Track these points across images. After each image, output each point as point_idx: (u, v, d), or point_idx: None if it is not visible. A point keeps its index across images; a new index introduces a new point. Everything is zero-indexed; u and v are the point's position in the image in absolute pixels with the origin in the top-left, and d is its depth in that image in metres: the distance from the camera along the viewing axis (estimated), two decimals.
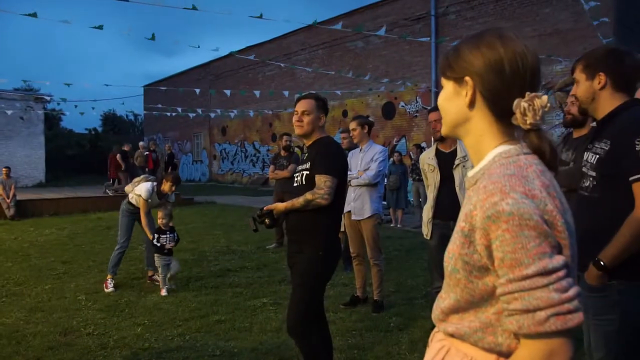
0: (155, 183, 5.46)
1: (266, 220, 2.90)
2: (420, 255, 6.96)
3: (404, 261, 6.69)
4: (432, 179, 3.70)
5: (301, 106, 2.93)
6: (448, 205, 3.55)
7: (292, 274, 2.95)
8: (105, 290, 5.27)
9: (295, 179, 2.99)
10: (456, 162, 3.60)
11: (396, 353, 3.58)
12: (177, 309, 4.67)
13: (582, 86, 2.02)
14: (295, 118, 2.95)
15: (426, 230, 3.73)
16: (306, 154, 3.00)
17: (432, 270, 3.85)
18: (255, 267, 6.35)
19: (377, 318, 4.35)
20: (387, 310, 4.57)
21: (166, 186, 5.41)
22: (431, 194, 3.70)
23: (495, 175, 0.96)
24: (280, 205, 2.90)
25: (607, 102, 1.96)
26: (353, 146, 6.35)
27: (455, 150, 3.64)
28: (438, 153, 3.72)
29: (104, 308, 4.72)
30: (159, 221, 5.35)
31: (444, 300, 1.09)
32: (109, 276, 5.41)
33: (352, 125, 4.75)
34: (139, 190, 5.37)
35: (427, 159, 3.76)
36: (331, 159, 2.86)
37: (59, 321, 4.34)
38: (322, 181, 2.76)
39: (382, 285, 4.67)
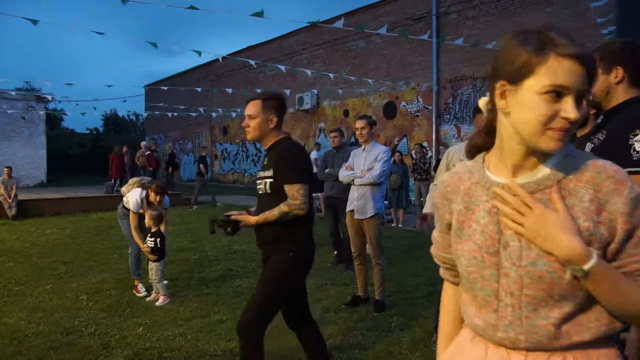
0: (144, 192, 5.14)
1: (228, 228, 2.73)
2: (421, 255, 6.95)
3: (406, 261, 6.69)
4: None
5: (247, 110, 2.77)
6: None
7: (262, 274, 2.83)
8: (138, 294, 5.13)
9: (259, 186, 2.80)
10: None
11: (397, 353, 3.58)
12: (178, 309, 4.67)
13: (597, 79, 1.99)
14: (244, 123, 2.79)
15: None
16: (266, 158, 2.83)
17: None
18: (257, 267, 6.34)
19: (378, 317, 4.35)
20: (389, 309, 4.56)
21: (151, 197, 5.10)
22: None
23: (609, 165, 1.01)
24: (251, 219, 2.72)
25: (621, 97, 1.92)
26: (341, 145, 6.37)
27: None
28: None
29: (106, 308, 4.72)
30: (145, 222, 5.06)
31: (549, 314, 1.00)
32: (136, 281, 5.28)
33: (361, 124, 4.68)
34: (129, 199, 5.16)
35: (462, 156, 3.54)
36: (297, 164, 2.70)
37: (60, 321, 4.34)
38: (295, 190, 2.61)
39: (384, 285, 4.66)
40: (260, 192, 2.80)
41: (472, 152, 1.21)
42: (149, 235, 4.99)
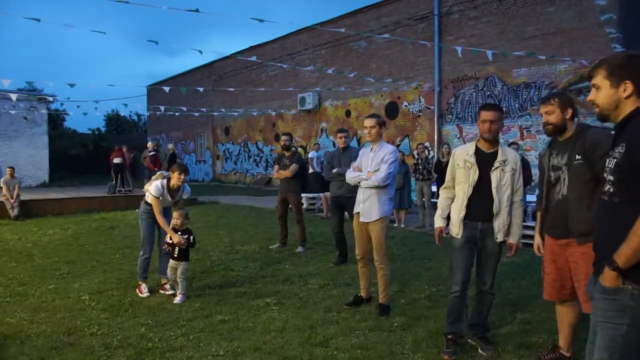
0: (165, 181, 5.21)
1: None
2: (424, 255, 6.94)
3: (408, 261, 6.68)
4: (466, 176, 3.54)
5: None
6: (480, 206, 3.49)
7: None
8: (141, 295, 5.12)
9: None
10: (495, 164, 3.49)
11: (400, 353, 3.58)
12: (180, 309, 4.67)
13: (605, 93, 1.99)
14: None
15: (456, 229, 3.56)
16: None
17: (453, 272, 3.61)
18: (259, 267, 6.35)
19: (380, 318, 4.34)
20: (391, 310, 4.56)
21: (174, 178, 5.15)
22: (462, 191, 3.56)
23: None
24: None
25: (630, 109, 1.94)
26: (347, 146, 6.35)
27: (496, 152, 3.53)
28: (478, 151, 3.57)
29: (108, 308, 4.72)
30: (173, 222, 5.13)
31: None
32: (140, 282, 5.27)
33: (371, 122, 4.55)
34: (151, 188, 5.22)
35: (465, 155, 3.59)
36: None
37: (62, 321, 4.35)
38: None
39: (388, 289, 4.61)
40: None
41: None
42: (179, 233, 5.06)
